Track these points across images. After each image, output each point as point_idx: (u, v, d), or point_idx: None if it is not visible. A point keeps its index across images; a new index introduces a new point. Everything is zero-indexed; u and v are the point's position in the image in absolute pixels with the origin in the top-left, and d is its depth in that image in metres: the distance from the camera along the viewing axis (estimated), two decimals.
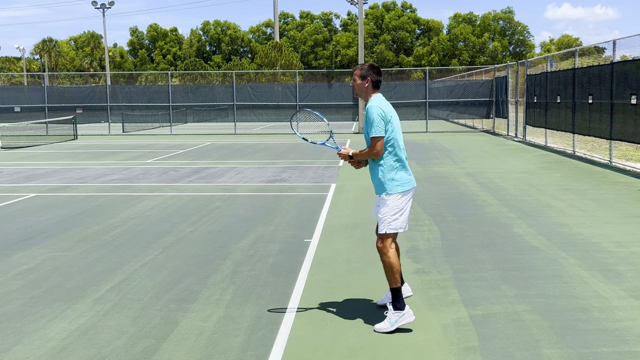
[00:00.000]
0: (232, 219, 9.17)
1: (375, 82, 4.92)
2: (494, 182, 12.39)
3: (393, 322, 4.70)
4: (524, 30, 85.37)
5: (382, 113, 4.73)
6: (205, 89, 33.36)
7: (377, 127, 4.71)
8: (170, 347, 4.51)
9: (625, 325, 4.77)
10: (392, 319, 4.71)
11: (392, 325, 4.69)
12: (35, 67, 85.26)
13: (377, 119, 4.71)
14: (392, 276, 4.75)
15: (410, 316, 4.72)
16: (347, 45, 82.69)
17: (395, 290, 4.75)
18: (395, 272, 4.73)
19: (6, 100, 33.50)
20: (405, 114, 31.61)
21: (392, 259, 4.75)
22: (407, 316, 4.71)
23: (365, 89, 4.91)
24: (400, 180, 4.79)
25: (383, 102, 4.85)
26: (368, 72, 4.90)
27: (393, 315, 4.71)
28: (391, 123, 4.77)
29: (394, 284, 4.75)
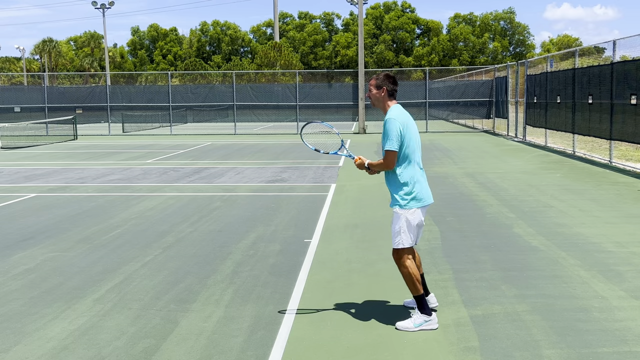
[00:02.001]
0: (232, 219, 9.17)
1: (391, 91, 4.85)
2: (494, 182, 12.39)
3: (417, 324, 4.73)
4: (524, 31, 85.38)
5: (399, 126, 4.66)
6: (205, 89, 33.36)
7: (392, 140, 4.65)
8: (170, 347, 4.51)
9: (625, 325, 4.77)
10: (417, 320, 4.74)
11: (416, 327, 4.72)
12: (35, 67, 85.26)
13: (394, 133, 4.65)
14: (412, 285, 4.76)
15: (435, 324, 4.76)
16: (346, 45, 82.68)
17: (418, 298, 4.78)
18: (414, 281, 4.74)
19: (6, 101, 33.50)
20: None
21: (410, 269, 4.74)
22: (432, 323, 4.75)
23: (381, 99, 4.85)
24: (413, 196, 4.73)
25: (402, 114, 4.77)
26: (384, 81, 4.83)
27: (419, 317, 4.75)
28: (406, 138, 4.70)
29: (415, 292, 4.78)
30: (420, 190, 4.76)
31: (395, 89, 4.89)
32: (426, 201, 4.80)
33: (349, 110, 31.94)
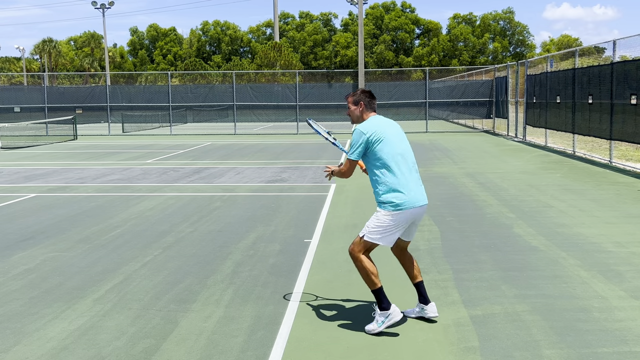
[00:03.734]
0: (232, 219, 9.17)
1: (367, 104, 4.87)
2: (494, 182, 12.39)
3: (380, 322, 4.65)
4: (524, 31, 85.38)
5: (364, 138, 4.66)
6: (205, 89, 33.36)
7: (352, 150, 4.72)
8: (170, 347, 4.51)
9: (625, 325, 4.77)
10: (378, 320, 4.67)
11: (380, 326, 4.64)
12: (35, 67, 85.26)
13: (356, 143, 4.70)
14: (368, 279, 4.67)
15: (397, 315, 4.66)
16: (346, 45, 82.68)
17: (375, 292, 4.68)
18: (370, 274, 4.65)
19: (6, 101, 33.50)
20: (405, 114, 31.63)
21: (365, 263, 4.67)
22: (393, 316, 4.65)
23: (360, 114, 4.88)
24: (392, 201, 4.64)
25: (374, 123, 4.76)
26: (360, 96, 4.87)
27: (379, 316, 4.67)
28: (382, 142, 4.67)
29: (372, 287, 4.68)
30: (403, 197, 4.64)
31: (372, 102, 4.91)
32: (407, 206, 4.65)
33: None
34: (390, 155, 4.69)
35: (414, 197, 4.69)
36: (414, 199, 4.69)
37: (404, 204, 4.65)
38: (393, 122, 4.94)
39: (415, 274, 4.97)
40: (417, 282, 4.96)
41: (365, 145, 4.70)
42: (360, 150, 4.72)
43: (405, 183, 4.68)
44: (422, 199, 4.76)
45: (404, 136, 4.90)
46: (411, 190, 4.69)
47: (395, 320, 4.66)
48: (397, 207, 4.64)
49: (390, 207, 4.65)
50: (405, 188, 4.67)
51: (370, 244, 4.71)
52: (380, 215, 4.69)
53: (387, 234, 4.68)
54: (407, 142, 4.89)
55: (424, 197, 4.78)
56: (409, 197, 4.66)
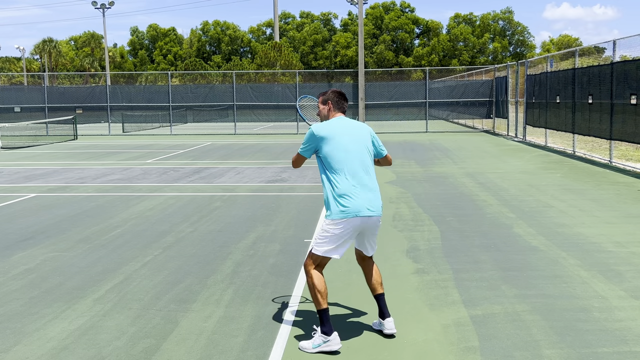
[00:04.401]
0: (232, 219, 9.17)
1: (335, 104, 4.77)
2: (494, 182, 12.39)
3: (316, 345, 4.39)
4: (524, 31, 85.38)
5: (314, 138, 4.57)
6: (205, 89, 33.36)
7: (303, 145, 4.65)
8: (170, 347, 4.51)
9: (625, 325, 4.77)
10: (315, 341, 4.40)
11: (314, 348, 4.38)
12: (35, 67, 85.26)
13: (306, 139, 4.63)
14: (314, 298, 4.44)
15: (336, 345, 4.35)
16: (346, 45, 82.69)
17: (319, 313, 4.42)
18: (317, 293, 4.41)
19: (6, 100, 33.50)
20: (405, 114, 31.65)
21: (314, 280, 4.44)
22: (331, 344, 4.35)
23: (327, 113, 4.81)
24: (335, 208, 4.44)
25: (330, 125, 4.62)
26: (329, 96, 4.80)
27: (318, 337, 4.40)
28: (330, 146, 4.52)
29: (317, 306, 4.44)
30: (346, 203, 4.42)
31: (340, 103, 4.78)
32: (352, 214, 4.42)
33: (349, 110, 31.87)
34: (336, 159, 4.51)
35: (358, 206, 4.43)
36: (357, 207, 4.43)
37: (346, 211, 4.41)
38: (357, 126, 4.71)
39: (375, 286, 4.72)
40: (377, 294, 4.71)
41: (314, 145, 4.60)
42: (308, 148, 4.63)
43: (350, 190, 4.45)
44: (369, 209, 4.48)
45: (364, 141, 4.64)
46: (356, 198, 4.44)
47: (331, 349, 4.35)
48: (338, 214, 4.42)
49: (332, 215, 4.45)
50: (349, 195, 4.44)
51: (320, 257, 4.49)
52: (324, 224, 4.51)
53: (333, 244, 4.45)
54: (368, 148, 4.65)
55: (373, 208, 4.51)
56: (352, 205, 4.42)
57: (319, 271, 4.52)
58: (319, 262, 4.52)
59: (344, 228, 4.44)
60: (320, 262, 4.53)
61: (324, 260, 4.53)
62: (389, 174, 14.07)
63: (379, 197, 4.62)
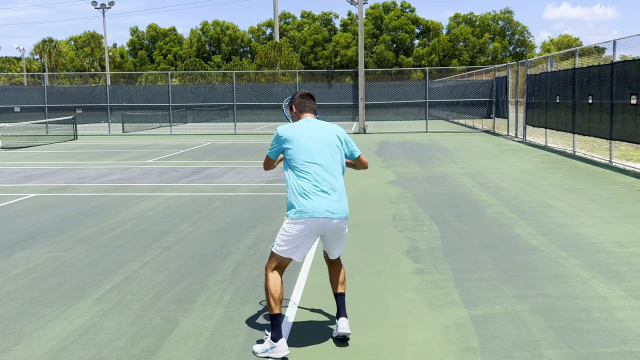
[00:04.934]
0: (232, 219, 9.17)
1: (299, 104, 4.77)
2: (494, 182, 12.39)
3: (264, 349, 4.35)
4: (523, 31, 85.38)
5: (278, 139, 4.58)
6: (205, 89, 33.36)
7: (270, 147, 4.66)
8: (170, 347, 4.51)
9: (625, 325, 4.77)
10: (264, 346, 4.37)
11: (263, 352, 4.34)
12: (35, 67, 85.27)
13: (273, 140, 4.64)
14: (267, 301, 4.40)
15: (282, 351, 4.30)
16: (346, 45, 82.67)
17: (270, 317, 4.38)
18: (270, 297, 4.36)
19: (6, 100, 33.50)
20: (405, 114, 31.65)
21: (269, 283, 4.39)
22: (278, 350, 4.30)
23: (295, 116, 4.81)
24: (292, 208, 4.42)
25: (294, 126, 4.61)
26: (293, 100, 4.81)
27: (267, 342, 4.36)
28: (292, 146, 4.50)
29: (269, 310, 4.39)
30: (304, 204, 4.37)
31: (304, 104, 4.77)
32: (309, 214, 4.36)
33: (349, 110, 31.98)
34: (299, 161, 4.47)
35: (316, 207, 4.37)
36: (315, 209, 4.36)
37: (304, 212, 4.36)
38: (324, 127, 4.65)
39: (336, 285, 4.70)
40: (337, 292, 4.68)
41: (279, 147, 4.60)
42: (274, 149, 4.63)
43: (310, 191, 4.39)
44: (329, 210, 4.40)
45: (330, 143, 4.58)
46: (315, 199, 4.38)
47: (277, 356, 4.30)
48: (296, 214, 4.38)
49: (290, 215, 4.42)
50: (308, 196, 4.38)
51: (279, 258, 4.45)
52: (284, 224, 4.47)
53: (293, 245, 4.41)
54: (333, 149, 4.57)
55: (334, 210, 4.43)
56: (309, 206, 4.36)
57: (278, 273, 4.46)
58: (278, 264, 4.46)
59: (302, 229, 4.38)
60: (279, 263, 4.47)
61: (283, 262, 4.47)
62: (389, 174, 14.07)
63: (343, 199, 4.53)
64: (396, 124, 32.30)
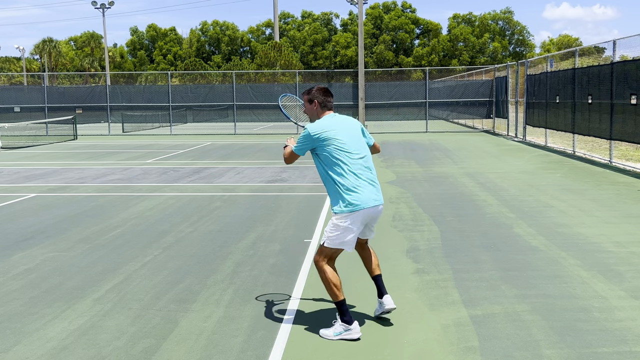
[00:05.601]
0: (232, 219, 9.17)
1: (322, 102, 4.84)
2: (494, 182, 12.39)
3: (337, 333, 4.57)
4: (523, 30, 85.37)
5: (310, 137, 4.67)
6: (205, 89, 33.36)
7: (299, 144, 4.78)
8: (170, 347, 4.51)
9: (625, 325, 4.77)
10: (337, 329, 4.59)
11: (335, 336, 4.57)
12: (35, 67, 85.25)
13: (301, 138, 4.75)
14: (330, 291, 4.61)
15: (356, 333, 4.55)
16: (346, 45, 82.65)
17: (337, 304, 4.62)
18: (332, 286, 4.59)
19: (6, 100, 33.50)
20: (405, 114, 31.65)
21: (328, 274, 4.60)
22: (352, 332, 4.54)
23: (315, 112, 4.88)
24: (344, 202, 4.59)
25: (325, 123, 4.73)
26: (314, 95, 4.85)
27: (339, 326, 4.59)
28: (331, 143, 4.64)
29: (334, 299, 4.62)
30: (356, 197, 4.58)
31: (327, 100, 4.86)
32: (361, 206, 4.58)
33: (349, 110, 31.95)
34: (338, 157, 4.63)
35: (367, 198, 4.61)
36: (366, 199, 4.60)
37: (356, 204, 4.57)
38: (349, 121, 4.87)
39: (374, 268, 4.96)
40: (375, 275, 4.95)
41: (310, 145, 4.71)
42: (304, 147, 4.76)
43: (357, 183, 4.61)
44: (375, 199, 4.67)
45: (359, 135, 4.82)
46: (364, 190, 4.61)
47: (352, 337, 4.53)
48: (347, 208, 4.57)
49: (342, 209, 4.58)
50: (357, 188, 4.59)
51: (331, 250, 4.65)
52: (334, 219, 4.63)
53: (345, 237, 4.61)
54: (363, 141, 4.83)
55: (377, 198, 4.69)
56: (360, 199, 4.58)
57: (331, 265, 4.67)
58: (330, 256, 4.67)
59: (353, 221, 4.59)
60: (331, 255, 4.68)
61: (335, 254, 4.68)
62: (389, 174, 14.07)
63: (379, 186, 4.81)
64: (396, 124, 32.30)
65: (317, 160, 4.74)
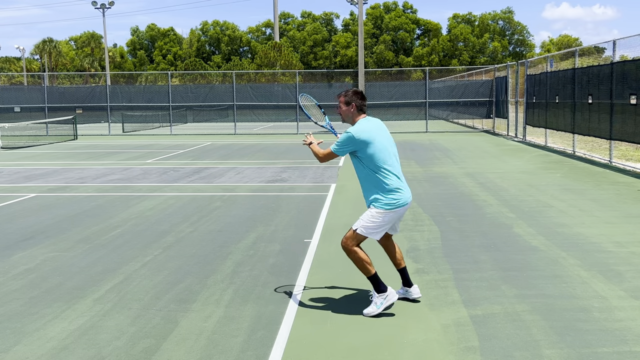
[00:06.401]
0: (232, 219, 9.17)
1: (359, 106, 5.13)
2: (494, 182, 12.39)
3: (379, 304, 4.99)
4: (523, 30, 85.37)
5: (355, 141, 4.94)
6: (205, 89, 33.36)
7: (339, 145, 5.03)
8: (170, 347, 4.51)
9: (625, 325, 4.77)
10: (377, 302, 5.00)
11: (379, 308, 4.99)
12: (35, 67, 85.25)
13: (344, 141, 5.00)
14: (363, 268, 5.01)
15: (394, 295, 5.03)
16: (346, 45, 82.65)
17: (371, 278, 5.02)
18: (365, 263, 4.98)
19: (6, 100, 33.50)
20: (405, 114, 31.64)
21: (359, 254, 4.98)
22: (391, 296, 5.01)
23: (351, 114, 5.14)
24: (390, 200, 4.96)
25: (367, 127, 5.01)
26: (352, 97, 5.13)
27: (378, 298, 5.00)
28: (375, 146, 4.95)
29: (368, 274, 5.02)
30: (400, 196, 4.99)
31: (363, 104, 5.17)
32: (402, 204, 5.00)
33: None
34: (381, 159, 4.96)
35: (405, 197, 5.03)
36: (405, 199, 5.03)
37: (399, 202, 4.97)
38: (381, 123, 5.17)
39: (399, 261, 5.32)
40: (401, 268, 5.32)
41: (353, 147, 4.98)
42: (346, 150, 5.03)
43: (398, 184, 4.99)
44: (410, 197, 5.11)
45: (391, 137, 5.18)
46: (404, 190, 5.03)
47: (391, 300, 5.02)
48: (392, 205, 4.95)
49: (387, 207, 4.95)
50: (398, 189, 4.98)
51: (362, 237, 5.01)
52: (374, 212, 4.97)
53: (380, 229, 5.01)
54: (394, 142, 5.19)
55: (410, 196, 5.12)
56: (403, 196, 5.01)
57: (359, 247, 5.03)
58: (359, 241, 5.02)
59: (392, 217, 5.00)
60: (360, 241, 5.04)
61: (363, 239, 5.05)
62: None
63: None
64: (396, 124, 32.29)
65: (357, 161, 5.03)
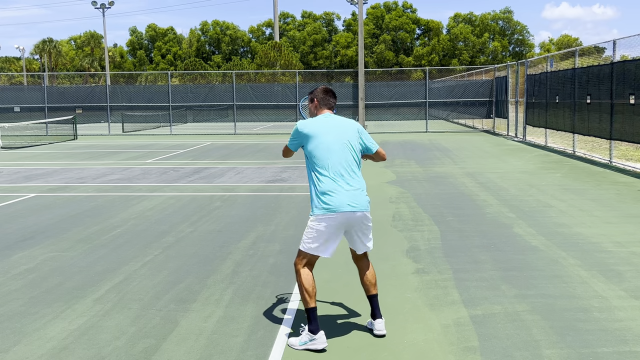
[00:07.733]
0: (232, 219, 9.17)
1: (321, 101, 4.83)
2: (494, 182, 12.39)
3: (302, 342, 4.45)
4: (523, 30, 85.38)
5: (297, 133, 4.71)
6: (205, 89, 33.36)
7: (290, 138, 4.83)
8: (170, 347, 4.51)
9: (625, 325, 4.77)
10: (302, 338, 4.47)
11: (300, 345, 4.45)
12: (35, 67, 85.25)
13: (292, 133, 4.80)
14: (302, 296, 4.51)
15: (321, 344, 4.40)
16: (346, 45, 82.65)
17: (306, 311, 4.49)
18: (304, 291, 4.46)
19: (6, 100, 33.49)
20: (405, 114, 31.66)
21: (302, 279, 4.49)
22: (317, 342, 4.40)
23: (314, 110, 4.91)
24: (317, 205, 4.50)
25: (313, 121, 4.69)
26: (315, 93, 4.88)
27: (305, 335, 4.47)
28: (312, 143, 4.59)
29: (304, 304, 4.50)
30: (329, 200, 4.46)
31: (328, 100, 4.84)
32: (334, 210, 4.44)
33: (349, 110, 31.95)
34: (319, 157, 4.56)
35: (339, 202, 4.44)
36: (338, 204, 4.44)
37: (328, 208, 4.45)
38: (343, 123, 4.72)
39: (368, 287, 4.74)
40: (370, 295, 4.74)
41: (298, 140, 4.75)
42: (294, 143, 4.81)
43: (332, 187, 4.47)
44: (350, 204, 4.47)
45: (348, 139, 4.62)
46: (338, 195, 4.46)
47: (317, 347, 4.40)
48: (320, 210, 4.47)
49: (316, 210, 4.50)
50: (331, 192, 4.46)
51: (308, 255, 4.54)
52: (309, 222, 4.56)
53: (320, 241, 4.50)
54: (353, 145, 4.63)
55: (355, 204, 4.49)
56: (333, 202, 4.44)
57: (308, 269, 4.56)
58: (307, 260, 4.57)
59: (327, 225, 4.47)
60: (308, 260, 4.57)
61: (312, 258, 4.58)
62: (389, 173, 14.07)
63: (363, 193, 4.60)
64: (396, 123, 32.30)
65: (305, 158, 4.72)
